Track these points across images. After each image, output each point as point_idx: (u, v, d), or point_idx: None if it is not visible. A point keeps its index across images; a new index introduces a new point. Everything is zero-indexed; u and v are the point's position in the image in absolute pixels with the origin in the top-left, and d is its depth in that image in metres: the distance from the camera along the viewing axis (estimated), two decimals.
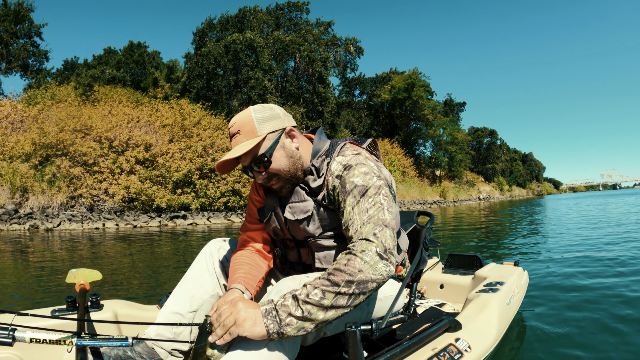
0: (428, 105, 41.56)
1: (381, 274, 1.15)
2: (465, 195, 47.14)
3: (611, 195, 42.42)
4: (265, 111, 1.38)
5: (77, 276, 1.70)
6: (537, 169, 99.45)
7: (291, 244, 1.54)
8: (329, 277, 1.12)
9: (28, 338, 1.11)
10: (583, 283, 3.61)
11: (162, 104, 21.14)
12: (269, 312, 1.09)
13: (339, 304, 1.10)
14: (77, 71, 30.39)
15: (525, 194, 79.42)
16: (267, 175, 1.38)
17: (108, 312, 1.80)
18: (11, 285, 4.32)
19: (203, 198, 16.68)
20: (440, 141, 44.71)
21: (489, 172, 65.06)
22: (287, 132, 1.40)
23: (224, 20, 31.30)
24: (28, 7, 23.18)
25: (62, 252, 7.16)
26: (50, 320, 1.66)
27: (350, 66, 38.38)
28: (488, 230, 9.16)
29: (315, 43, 32.27)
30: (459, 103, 56.47)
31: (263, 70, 27.40)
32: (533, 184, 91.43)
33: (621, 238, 6.54)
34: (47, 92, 19.72)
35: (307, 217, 1.42)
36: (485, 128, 68.36)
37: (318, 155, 1.44)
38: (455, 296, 2.66)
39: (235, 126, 1.36)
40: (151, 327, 1.54)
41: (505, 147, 74.98)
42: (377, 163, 1.44)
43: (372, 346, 1.66)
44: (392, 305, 1.39)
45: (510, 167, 75.95)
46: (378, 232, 1.20)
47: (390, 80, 43.74)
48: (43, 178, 14.20)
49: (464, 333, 1.62)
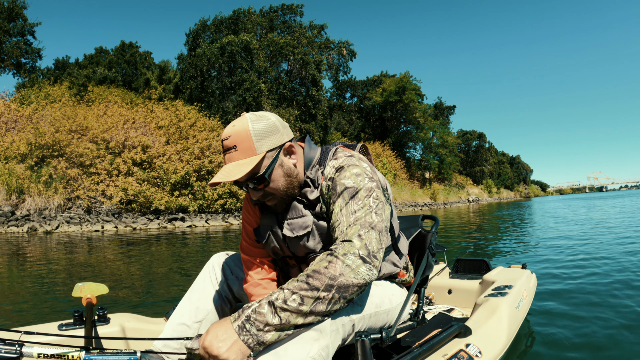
0: (419, 108, 42.03)
1: (363, 278, 1.10)
2: (455, 198, 47.70)
3: (603, 198, 42.80)
4: (263, 123, 1.28)
5: (83, 290, 1.68)
6: (525, 171, 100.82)
7: (292, 261, 1.49)
8: (308, 280, 1.06)
9: (36, 354, 1.10)
10: (591, 284, 3.62)
11: (157, 105, 21.11)
12: (242, 328, 1.03)
13: (318, 309, 1.06)
14: (68, 70, 30.09)
15: (513, 196, 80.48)
16: (263, 193, 1.33)
17: (115, 326, 1.80)
18: (18, 294, 4.31)
19: (201, 200, 16.72)
20: (431, 144, 45.20)
21: (477, 174, 65.86)
22: (286, 148, 1.34)
23: (218, 22, 31.28)
24: (21, 5, 22.95)
25: (65, 257, 7.17)
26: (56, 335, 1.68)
27: (342, 69, 38.68)
28: (491, 234, 9.33)
29: (309, 46, 32.44)
30: (449, 106, 57.10)
31: (258, 72, 27.47)
32: (521, 187, 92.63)
33: (628, 240, 6.60)
34: (41, 92, 19.54)
35: (306, 233, 1.37)
36: (473, 131, 69.17)
37: (311, 165, 1.39)
38: (464, 301, 2.65)
39: (230, 140, 1.27)
40: (159, 340, 1.53)
41: (494, 150, 75.96)
42: (371, 165, 1.41)
43: (381, 354, 1.63)
44: (401, 313, 1.39)
45: (498, 169, 76.94)
46: (363, 234, 1.16)
47: (382, 84, 44.09)
48: (39, 179, 14.11)
49: (474, 338, 1.62)
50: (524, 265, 2.79)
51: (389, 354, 1.60)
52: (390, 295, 1.46)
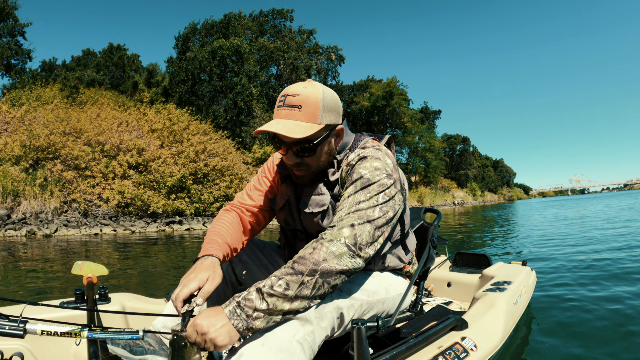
0: (407, 113, 42.65)
1: (346, 265, 1.12)
2: (441, 201, 48.44)
3: (588, 199, 43.28)
4: (331, 98, 1.32)
5: (83, 268, 1.66)
6: (508, 174, 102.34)
7: (302, 235, 1.51)
8: (293, 266, 1.10)
9: (39, 330, 1.10)
10: (591, 282, 3.66)
11: (149, 109, 21.07)
12: (233, 313, 1.05)
13: (303, 294, 1.08)
14: (55, 72, 29.74)
15: (497, 199, 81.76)
16: (301, 161, 1.34)
17: (116, 305, 1.82)
18: (25, 285, 4.38)
19: (197, 203, 16.78)
20: (417, 148, 45.84)
21: (462, 178, 66.77)
22: (338, 130, 1.37)
23: (209, 26, 31.33)
24: (12, 5, 22.62)
25: (67, 260, 7.27)
26: (58, 312, 1.66)
27: (331, 74, 39.04)
28: (489, 231, 9.61)
29: (298, 50, 32.70)
30: (435, 111, 57.90)
31: (248, 76, 27.60)
32: (504, 190, 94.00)
33: (628, 239, 6.68)
34: (33, 93, 19.35)
35: (322, 211, 1.39)
36: (458, 135, 70.06)
37: (344, 150, 1.42)
38: (463, 295, 2.65)
39: (298, 99, 1.27)
40: (159, 319, 1.53)
41: (478, 154, 77.08)
42: (394, 162, 1.42)
43: (377, 343, 1.64)
44: (400, 303, 1.41)
45: (482, 173, 78.01)
46: (357, 224, 1.17)
47: (369, 88, 44.54)
48: (35, 182, 14.01)
49: (470, 332, 1.63)
50: (524, 262, 2.80)
51: (386, 343, 1.59)
52: (388, 285, 1.47)
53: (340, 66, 38.72)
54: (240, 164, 20.63)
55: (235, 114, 26.59)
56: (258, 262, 1.66)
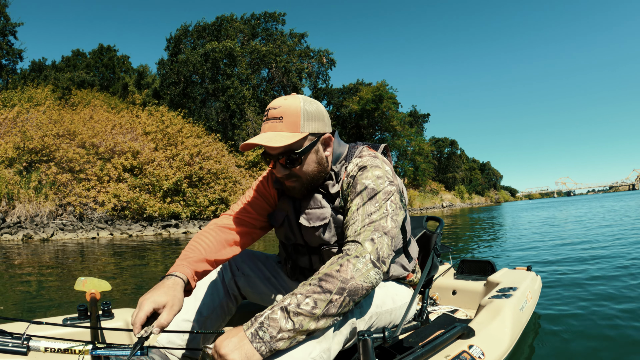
0: (397, 117, 43.10)
1: (372, 282, 1.13)
2: (429, 203, 49.03)
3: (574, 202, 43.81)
4: (314, 107, 1.32)
5: (85, 284, 1.65)
6: (495, 177, 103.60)
7: (303, 249, 1.50)
8: (321, 284, 1.08)
9: (43, 347, 1.10)
10: (597, 287, 3.62)
11: (141, 111, 20.99)
12: (255, 335, 1.02)
13: (331, 312, 1.07)
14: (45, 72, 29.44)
15: (484, 201, 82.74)
16: (289, 172, 1.34)
17: (120, 321, 1.80)
18: (27, 292, 4.39)
19: (193, 206, 16.83)
20: (406, 151, 46.32)
21: (449, 180, 67.53)
22: (325, 138, 1.37)
23: (201, 28, 31.33)
24: (3, 3, 22.33)
25: (69, 264, 7.24)
26: (62, 329, 1.64)
27: (322, 77, 39.27)
28: (492, 235, 9.74)
29: (289, 54, 32.88)
30: (423, 114, 58.48)
31: (240, 79, 27.69)
32: (491, 192, 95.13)
33: (633, 240, 6.65)
34: (24, 94, 19.16)
35: (323, 225, 1.39)
36: (446, 138, 70.80)
37: (339, 160, 1.42)
38: (468, 302, 2.63)
39: (279, 110, 1.29)
40: (162, 335, 1.50)
41: (465, 157, 78.00)
42: (392, 168, 1.43)
43: (384, 354, 1.61)
44: (406, 313, 1.41)
45: (470, 175, 78.89)
46: (376, 238, 1.18)
47: (358, 92, 44.87)
48: (29, 185, 13.91)
49: (477, 340, 1.61)
50: (529, 268, 2.78)
51: (392, 354, 1.58)
52: (394, 295, 1.47)
53: (331, 69, 39.00)
54: (234, 167, 20.71)
55: (228, 117, 26.64)
56: (261, 274, 1.67)
